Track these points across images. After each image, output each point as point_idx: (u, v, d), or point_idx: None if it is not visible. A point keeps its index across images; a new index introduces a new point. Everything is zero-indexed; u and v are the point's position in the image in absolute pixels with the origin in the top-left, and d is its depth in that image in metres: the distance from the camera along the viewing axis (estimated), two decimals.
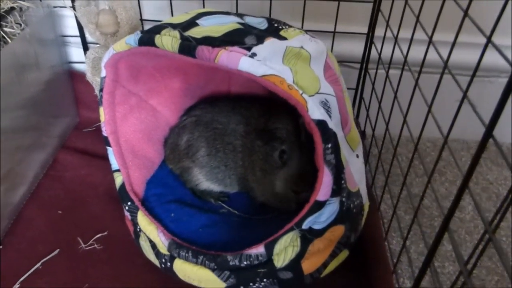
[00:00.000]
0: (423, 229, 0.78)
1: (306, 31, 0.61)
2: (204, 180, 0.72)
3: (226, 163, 0.70)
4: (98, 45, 0.83)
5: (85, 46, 0.91)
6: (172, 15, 0.87)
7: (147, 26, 0.66)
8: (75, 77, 0.93)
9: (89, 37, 0.88)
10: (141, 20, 0.86)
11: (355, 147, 0.61)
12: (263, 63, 0.48)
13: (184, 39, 0.51)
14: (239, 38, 0.51)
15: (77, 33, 0.89)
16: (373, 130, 0.80)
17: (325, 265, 0.59)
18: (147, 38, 0.53)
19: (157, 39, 0.52)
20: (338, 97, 0.55)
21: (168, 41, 0.51)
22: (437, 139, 0.99)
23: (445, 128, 0.47)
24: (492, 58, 0.46)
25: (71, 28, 0.90)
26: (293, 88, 0.49)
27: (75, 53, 0.94)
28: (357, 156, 0.62)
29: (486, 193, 0.86)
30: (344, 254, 0.62)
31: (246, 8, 0.87)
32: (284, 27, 0.59)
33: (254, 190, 0.68)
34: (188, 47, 0.50)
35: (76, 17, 0.84)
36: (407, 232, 0.59)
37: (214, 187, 0.72)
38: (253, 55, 0.48)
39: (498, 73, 0.92)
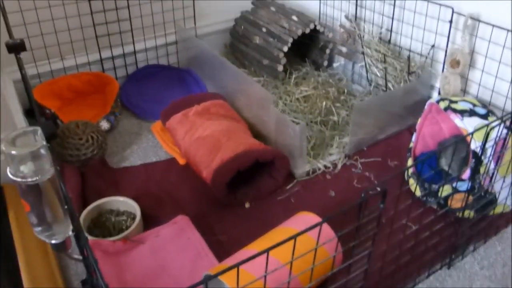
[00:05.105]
0: None
1: None
2: None
3: None
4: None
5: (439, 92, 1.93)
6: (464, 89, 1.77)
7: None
8: None
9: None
10: (462, 90, 1.81)
11: (502, 175, 1.42)
12: (463, 123, 1.41)
13: (446, 107, 1.49)
14: (464, 113, 1.44)
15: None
16: None
17: (459, 210, 1.46)
18: (446, 107, 1.53)
19: (451, 104, 1.52)
20: (495, 155, 1.39)
21: (443, 104, 1.50)
22: None
23: None
24: None
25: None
26: (470, 137, 1.39)
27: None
28: (504, 180, 1.43)
29: None
30: (466, 212, 1.45)
31: None
32: (491, 115, 1.45)
33: None
34: (446, 108, 1.48)
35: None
36: None
37: None
38: (461, 119, 1.42)
39: None
